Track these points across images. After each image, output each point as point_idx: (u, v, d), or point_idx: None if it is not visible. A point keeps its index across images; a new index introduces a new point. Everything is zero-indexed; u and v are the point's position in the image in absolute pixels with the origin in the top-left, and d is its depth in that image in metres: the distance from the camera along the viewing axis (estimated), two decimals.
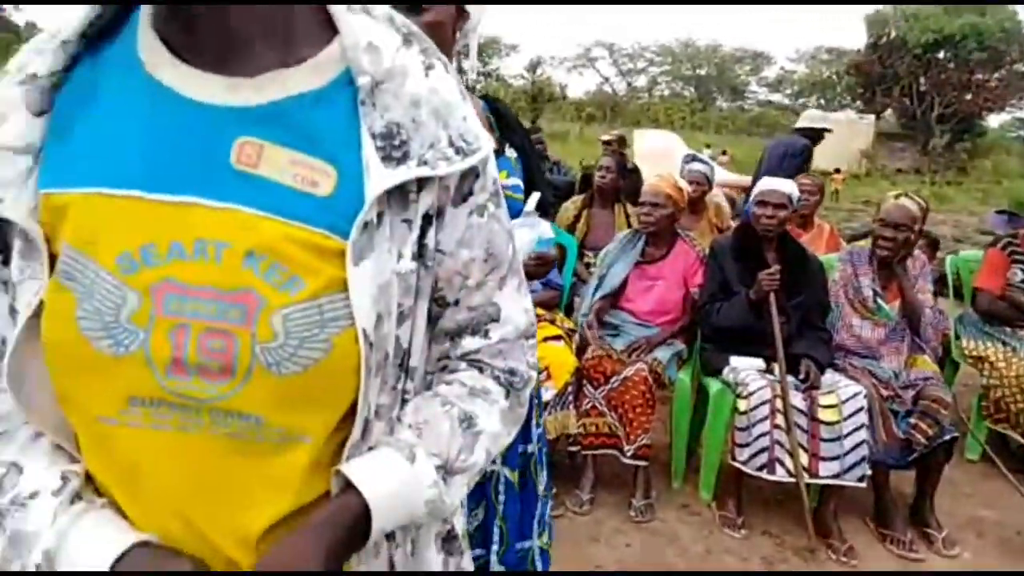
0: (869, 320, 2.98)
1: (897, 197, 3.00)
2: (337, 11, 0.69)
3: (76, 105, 0.66)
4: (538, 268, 1.79)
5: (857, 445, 2.60)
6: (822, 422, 2.63)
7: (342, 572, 0.69)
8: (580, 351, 3.03)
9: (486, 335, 0.78)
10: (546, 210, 2.11)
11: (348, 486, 0.67)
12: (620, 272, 3.19)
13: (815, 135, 5.76)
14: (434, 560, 0.80)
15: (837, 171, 17.66)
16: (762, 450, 2.63)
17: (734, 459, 2.70)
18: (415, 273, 0.69)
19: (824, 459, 2.61)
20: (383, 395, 0.70)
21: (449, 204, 0.71)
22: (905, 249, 2.95)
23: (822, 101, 46.65)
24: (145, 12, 0.68)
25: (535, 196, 1.66)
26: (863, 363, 2.93)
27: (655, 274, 3.16)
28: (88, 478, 0.68)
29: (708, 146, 24.93)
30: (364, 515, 0.66)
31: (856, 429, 2.61)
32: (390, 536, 0.73)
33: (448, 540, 0.83)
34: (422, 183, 0.68)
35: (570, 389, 2.84)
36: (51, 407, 0.67)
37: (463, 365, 0.79)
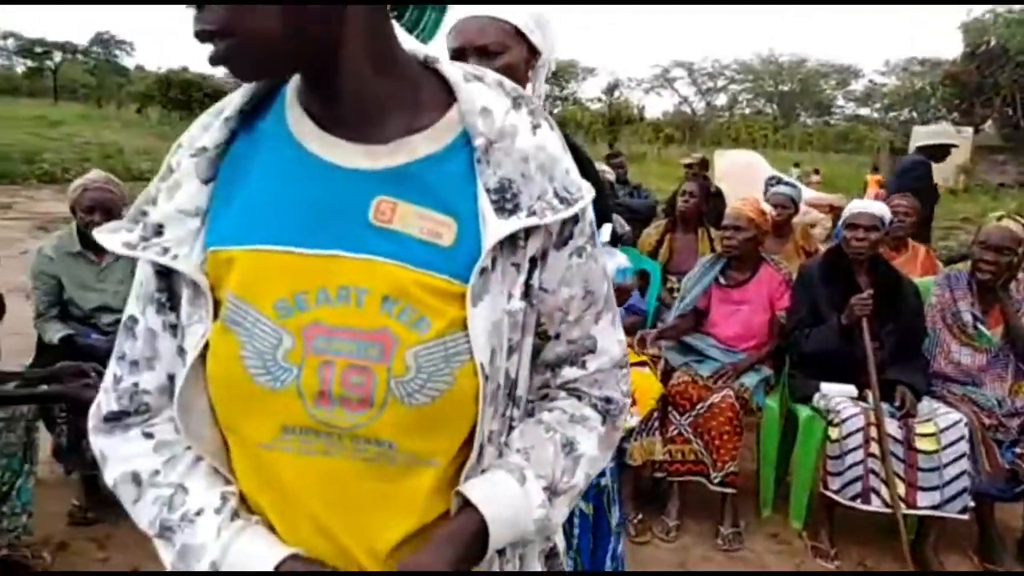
0: (969, 346, 2.87)
1: (1000, 219, 2.89)
2: (456, 81, 0.77)
3: (236, 173, 0.76)
4: (617, 297, 1.83)
5: (958, 475, 2.51)
6: (920, 451, 2.55)
7: None
8: (665, 377, 3.05)
9: (584, 366, 0.85)
10: (617, 240, 2.16)
11: (467, 505, 0.74)
12: (697, 293, 3.21)
13: (937, 152, 5.21)
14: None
15: None
16: (856, 479, 2.58)
17: (826, 488, 2.65)
18: (523, 311, 0.76)
19: (922, 489, 2.53)
20: (495, 422, 0.76)
21: (552, 247, 0.78)
22: (1009, 273, 2.84)
23: (915, 114, 44.65)
24: (292, 90, 0.78)
25: (607, 227, 1.70)
26: (963, 390, 2.82)
27: (740, 298, 3.15)
28: (242, 498, 0.78)
29: (797, 165, 24.16)
30: (482, 532, 0.73)
31: (956, 459, 2.52)
32: (501, 552, 0.79)
33: (551, 556, 0.89)
34: (530, 230, 0.75)
35: (656, 415, 2.86)
36: (211, 435, 0.76)
37: (563, 393, 0.86)
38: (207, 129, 0.78)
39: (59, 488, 2.88)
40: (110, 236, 0.75)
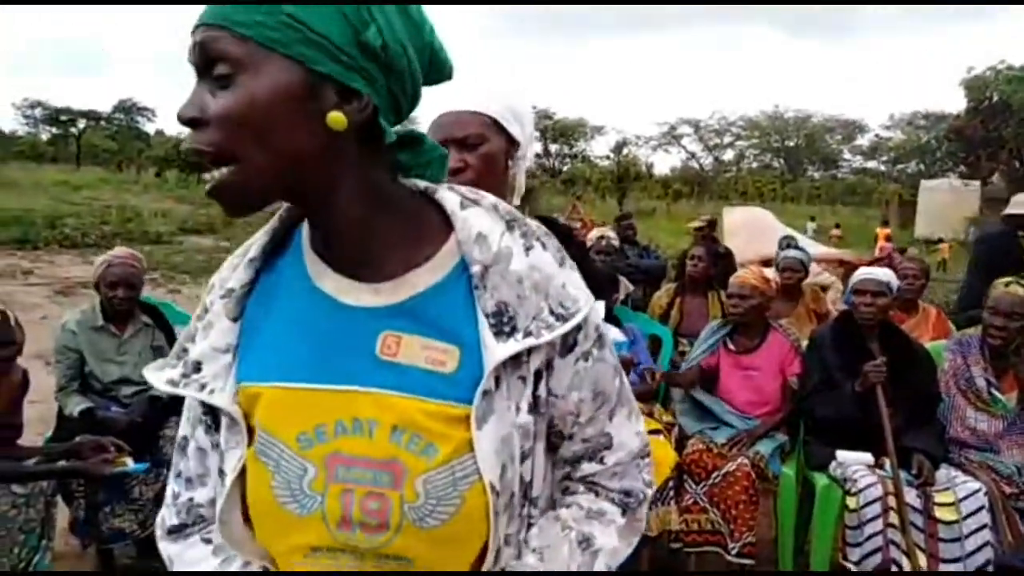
0: (985, 412, 2.86)
1: (1008, 284, 2.91)
2: (452, 210, 0.81)
3: (261, 311, 0.82)
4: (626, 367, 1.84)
5: (980, 547, 2.47)
6: (939, 521, 2.52)
7: None
8: (679, 444, 3.04)
9: (601, 461, 0.88)
10: (610, 317, 2.14)
11: None
12: (701, 353, 3.25)
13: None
14: None
15: (940, 241, 16.84)
16: (875, 550, 2.54)
17: (845, 559, 2.61)
18: (532, 420, 0.79)
19: (944, 560, 2.49)
20: (511, 526, 0.80)
21: (557, 356, 0.81)
22: (1020, 338, 2.85)
23: (922, 166, 45.01)
24: (305, 234, 0.84)
25: (600, 305, 1.71)
26: (981, 457, 2.80)
27: (750, 364, 3.17)
28: None
29: (813, 219, 24.15)
30: None
31: (978, 529, 2.49)
32: None
33: None
34: (531, 347, 0.77)
35: (671, 484, 2.84)
36: (251, 542, 0.82)
37: (582, 488, 0.89)
38: (235, 270, 0.84)
39: (75, 561, 2.88)
40: (157, 374, 0.82)
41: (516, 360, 0.77)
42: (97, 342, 3.05)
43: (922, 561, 2.49)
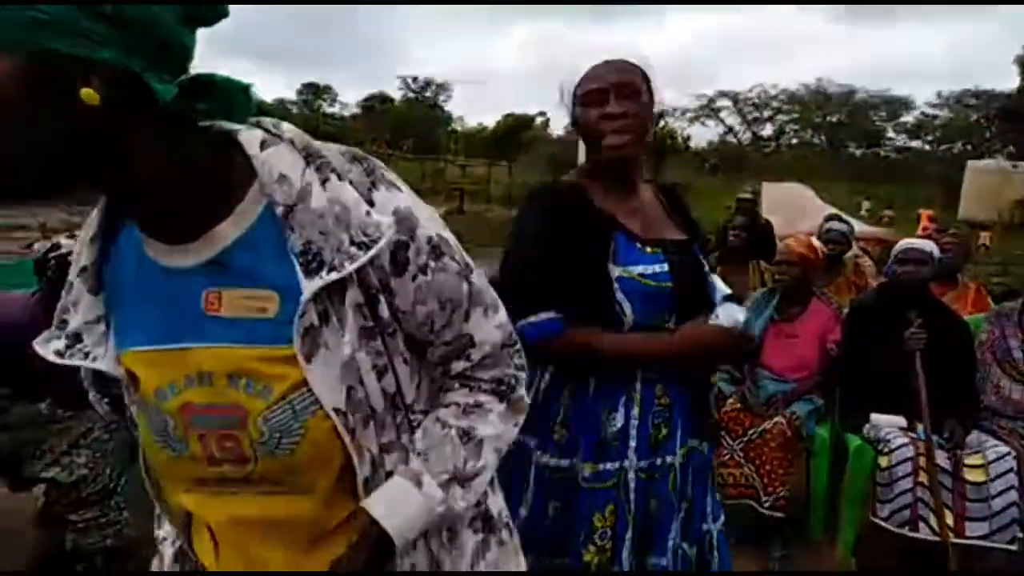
0: (1020, 382, 2.94)
1: None
2: (254, 152, 0.80)
3: (114, 282, 0.88)
4: (740, 346, 1.64)
5: (1007, 507, 2.58)
6: (968, 482, 2.63)
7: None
8: (717, 405, 3.17)
9: (468, 358, 0.94)
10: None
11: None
12: (756, 330, 3.32)
13: None
14: (470, 539, 0.98)
15: (984, 227, 16.46)
16: (905, 507, 2.66)
17: (875, 515, 2.74)
18: (379, 340, 0.85)
19: (971, 519, 2.60)
20: (384, 435, 0.88)
21: (392, 277, 0.84)
22: None
23: (969, 147, 43.77)
24: None
25: (725, 289, 1.68)
26: (1012, 424, 2.88)
27: (791, 331, 3.26)
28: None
29: (868, 198, 23.77)
30: (387, 537, 0.87)
31: (1005, 490, 2.59)
32: (425, 535, 0.92)
33: (484, 520, 1.02)
34: (348, 278, 0.80)
35: None
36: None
37: (457, 384, 0.96)
38: (84, 245, 0.89)
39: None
40: (46, 347, 0.86)
41: (340, 290, 0.81)
42: None
43: (949, 519, 2.60)
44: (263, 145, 0.81)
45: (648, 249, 1.53)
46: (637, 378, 1.52)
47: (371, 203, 0.82)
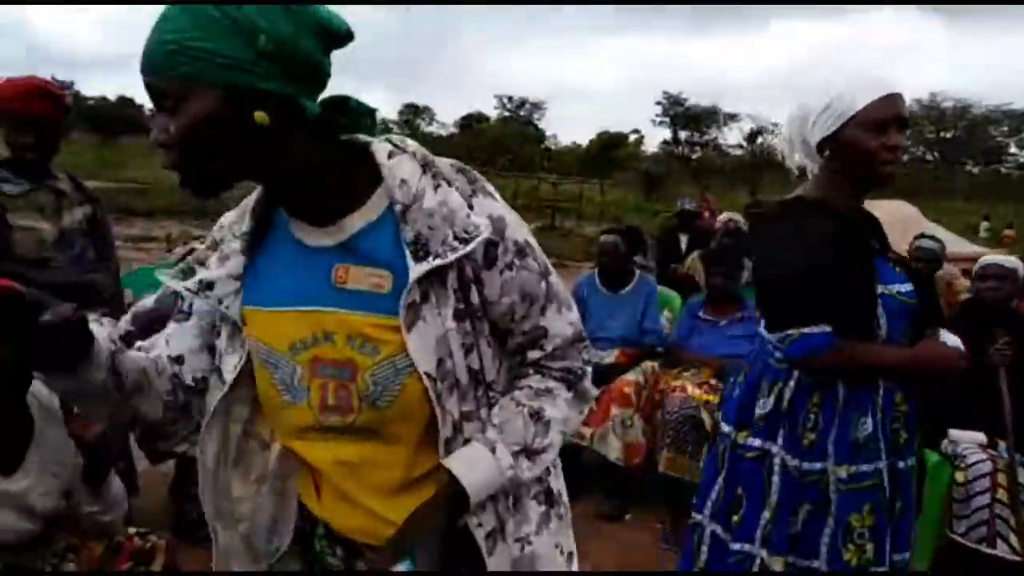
0: None
1: None
2: (381, 160, 0.98)
3: (259, 251, 1.04)
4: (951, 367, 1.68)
5: None
6: None
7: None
8: None
9: (542, 348, 1.07)
10: (732, 295, 2.02)
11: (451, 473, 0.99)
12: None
13: None
14: (534, 509, 1.09)
15: None
16: (981, 523, 2.64)
17: (952, 531, 2.73)
18: (469, 322, 0.99)
19: None
20: (465, 404, 1.01)
21: (483, 270, 0.99)
22: None
23: None
24: None
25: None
26: None
27: None
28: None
29: (987, 218, 22.38)
30: (463, 493, 0.98)
31: None
32: (493, 497, 1.03)
33: (547, 495, 1.12)
34: (448, 266, 0.95)
35: None
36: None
37: (531, 371, 1.09)
38: (241, 216, 1.06)
39: None
40: (174, 281, 1.04)
41: (440, 276, 0.96)
42: None
43: None
44: (390, 155, 0.98)
45: (897, 268, 1.70)
46: (880, 386, 1.67)
47: (471, 207, 0.98)
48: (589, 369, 1.12)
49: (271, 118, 0.88)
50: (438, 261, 0.94)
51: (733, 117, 47.46)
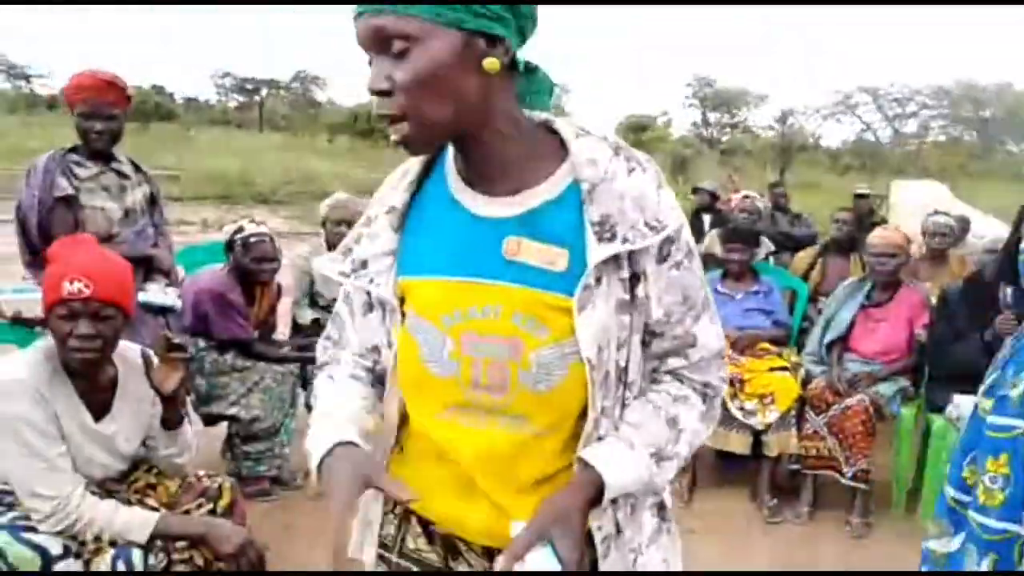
0: None
1: None
2: (568, 138, 0.94)
3: (415, 223, 1.00)
4: None
5: None
6: None
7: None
8: (804, 384, 3.38)
9: (687, 357, 1.01)
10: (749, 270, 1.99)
11: (587, 465, 0.94)
12: (847, 317, 3.49)
13: None
14: (648, 521, 1.05)
15: None
16: None
17: None
18: (629, 315, 0.93)
19: None
20: (607, 400, 0.95)
21: (653, 264, 0.94)
22: None
23: None
24: (450, 157, 1.00)
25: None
26: None
27: (880, 316, 3.42)
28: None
29: None
30: (600, 486, 0.93)
31: None
32: (614, 500, 0.97)
33: (660, 508, 1.08)
34: (631, 252, 0.91)
35: (793, 413, 3.22)
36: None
37: (668, 378, 1.03)
38: (395, 189, 1.02)
39: (304, 433, 3.70)
40: (331, 265, 1.03)
41: (616, 262, 0.91)
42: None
43: None
44: (577, 135, 0.95)
45: None
46: None
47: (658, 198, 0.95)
48: (724, 388, 1.07)
49: (500, 67, 0.87)
50: (627, 246, 0.91)
51: (763, 99, 46.76)
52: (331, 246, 3.83)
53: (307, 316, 3.73)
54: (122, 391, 1.93)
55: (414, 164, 1.02)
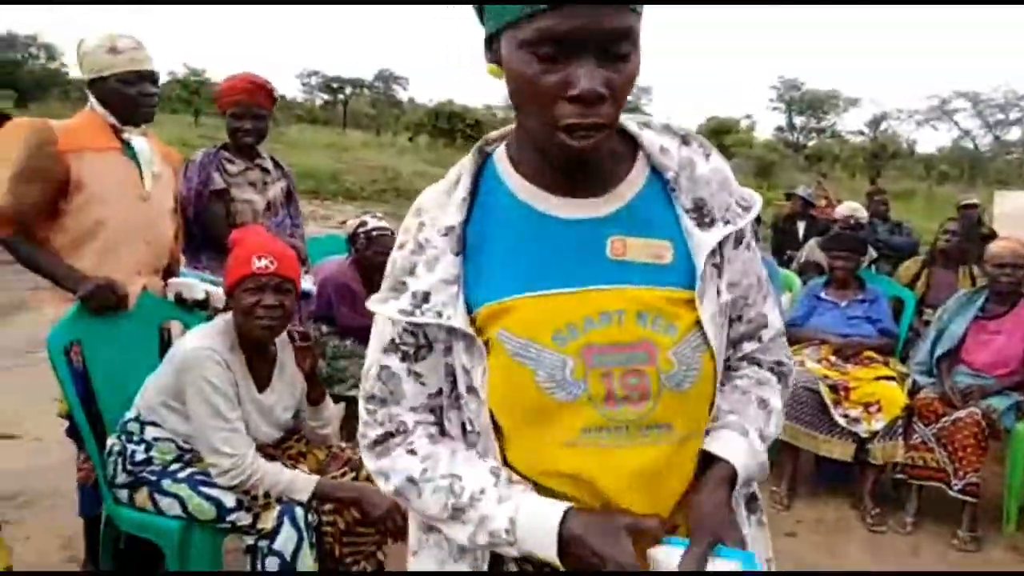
0: None
1: None
2: (636, 131, 0.92)
3: (477, 240, 0.90)
4: None
5: None
6: None
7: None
8: (911, 394, 3.34)
9: (759, 339, 1.01)
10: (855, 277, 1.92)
11: (714, 458, 0.91)
12: (959, 328, 3.43)
13: None
14: (743, 516, 1.00)
15: None
16: None
17: None
18: (728, 301, 0.93)
19: None
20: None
21: (731, 247, 0.93)
22: None
23: None
24: (503, 162, 0.92)
25: None
26: None
27: (995, 328, 3.35)
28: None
29: None
30: (733, 477, 0.91)
31: None
32: None
33: (751, 501, 1.04)
34: (728, 235, 0.90)
35: (900, 423, 3.20)
36: (497, 451, 0.90)
37: (744, 363, 1.02)
38: (442, 208, 0.91)
39: None
40: (383, 306, 0.90)
41: (720, 247, 0.90)
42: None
43: None
44: (640, 127, 0.93)
45: None
46: None
47: None
48: (793, 365, 1.06)
49: None
50: (730, 227, 0.90)
51: (854, 102, 45.07)
52: None
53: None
54: (280, 366, 2.13)
55: (463, 178, 0.92)
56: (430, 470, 0.92)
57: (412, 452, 0.94)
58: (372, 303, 0.92)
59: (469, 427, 0.92)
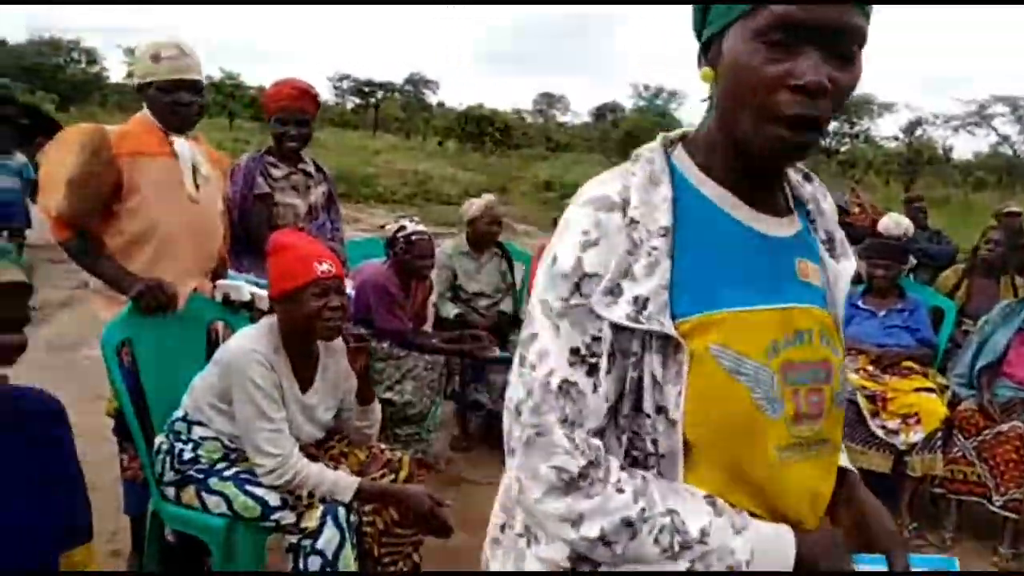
0: None
1: None
2: None
3: (684, 246, 0.85)
4: None
5: None
6: None
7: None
8: (951, 406, 3.29)
9: None
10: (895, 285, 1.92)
11: (846, 471, 1.00)
12: (1001, 340, 3.37)
13: None
14: None
15: None
16: None
17: None
18: None
19: None
20: None
21: None
22: None
23: None
24: (691, 168, 0.90)
25: None
26: None
27: None
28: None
29: None
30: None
31: None
32: None
33: None
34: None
35: (939, 436, 3.15)
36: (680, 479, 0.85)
37: None
38: (649, 205, 0.85)
39: (447, 422, 3.94)
40: (608, 310, 0.81)
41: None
42: (464, 263, 4.08)
43: None
44: None
45: None
46: None
47: None
48: None
49: None
50: (851, 262, 0.98)
51: (889, 107, 44.32)
52: (476, 243, 4.06)
53: (450, 311, 3.96)
54: (322, 367, 2.17)
55: (662, 176, 0.88)
56: (648, 508, 0.81)
57: (620, 490, 0.81)
58: (598, 306, 0.81)
59: (651, 449, 0.83)
